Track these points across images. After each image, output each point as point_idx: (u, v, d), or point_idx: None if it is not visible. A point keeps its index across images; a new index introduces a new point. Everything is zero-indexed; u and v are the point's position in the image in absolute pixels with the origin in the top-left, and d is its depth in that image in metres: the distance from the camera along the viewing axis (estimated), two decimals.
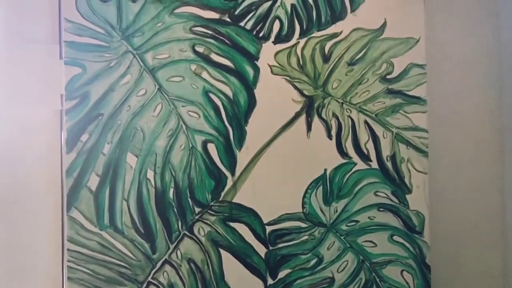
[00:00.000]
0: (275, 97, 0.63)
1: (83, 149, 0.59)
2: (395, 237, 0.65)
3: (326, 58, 0.65)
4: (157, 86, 0.61)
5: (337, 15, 0.65)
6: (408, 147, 0.66)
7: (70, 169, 0.59)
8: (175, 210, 0.61)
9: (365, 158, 0.65)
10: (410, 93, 0.67)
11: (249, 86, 0.63)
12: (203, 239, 0.61)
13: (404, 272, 0.65)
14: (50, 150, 0.64)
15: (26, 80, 0.71)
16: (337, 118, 0.65)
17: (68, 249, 0.58)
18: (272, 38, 0.64)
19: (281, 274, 0.63)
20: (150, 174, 0.60)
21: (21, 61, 0.71)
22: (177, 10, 0.62)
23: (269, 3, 0.64)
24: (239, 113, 0.62)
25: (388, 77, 0.66)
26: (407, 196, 0.66)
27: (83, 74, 0.59)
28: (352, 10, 0.66)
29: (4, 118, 0.70)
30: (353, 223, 0.65)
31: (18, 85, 0.71)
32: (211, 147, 0.62)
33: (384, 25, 0.66)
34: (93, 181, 0.59)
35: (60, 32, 0.71)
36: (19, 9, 0.70)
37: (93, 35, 0.60)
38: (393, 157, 0.66)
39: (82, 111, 0.59)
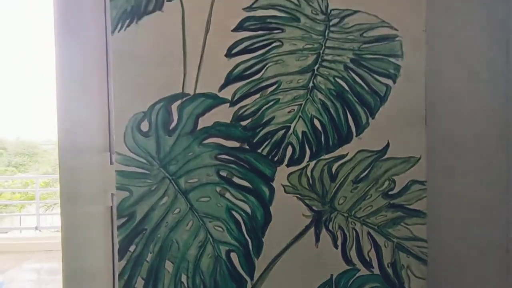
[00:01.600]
0: (288, 212, 0.74)
1: (131, 257, 0.73)
2: None
3: (333, 178, 0.74)
4: (189, 206, 0.73)
5: (344, 139, 0.74)
6: (408, 255, 0.74)
7: (122, 273, 0.73)
8: None
9: (368, 265, 0.74)
10: (410, 207, 0.74)
11: (265, 203, 0.73)
12: None
13: None
14: (103, 252, 0.80)
15: (84, 182, 0.87)
16: (343, 230, 0.74)
17: None
18: (286, 162, 0.74)
19: None
20: (184, 278, 0.73)
21: (80, 167, 0.87)
22: (205, 141, 0.73)
23: (283, 131, 0.73)
24: (257, 227, 0.74)
25: (390, 193, 0.74)
26: None
27: (130, 197, 0.73)
28: (357, 134, 0.74)
29: (65, 215, 0.87)
30: None
31: (77, 187, 0.87)
32: (234, 256, 0.74)
33: (387, 146, 0.74)
34: (140, 283, 0.73)
35: (110, 142, 0.86)
36: (78, 125, 0.86)
37: (137, 164, 0.73)
38: (393, 264, 0.74)
39: (130, 227, 0.73)
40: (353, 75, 0.73)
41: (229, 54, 0.73)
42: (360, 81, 0.73)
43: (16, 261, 5.38)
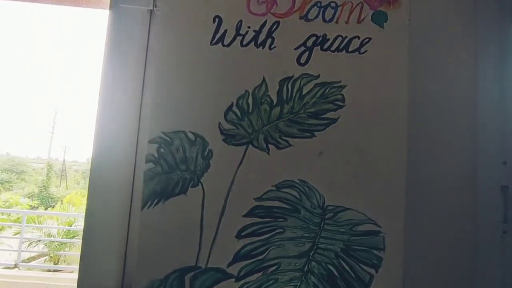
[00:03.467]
0: None
1: None
2: None
3: None
4: None
5: None
6: None
7: None
8: None
9: None
10: None
11: None
12: None
13: None
14: None
15: None
16: None
17: None
18: None
19: None
20: None
21: None
22: None
23: None
24: None
25: None
26: None
27: None
28: None
29: None
30: None
31: None
32: None
33: None
34: None
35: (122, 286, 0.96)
36: (99, 269, 0.96)
37: None
38: None
39: None
40: (342, 263, 0.86)
41: (238, 236, 0.86)
42: (348, 269, 0.86)
43: None
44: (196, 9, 0.92)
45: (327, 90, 0.90)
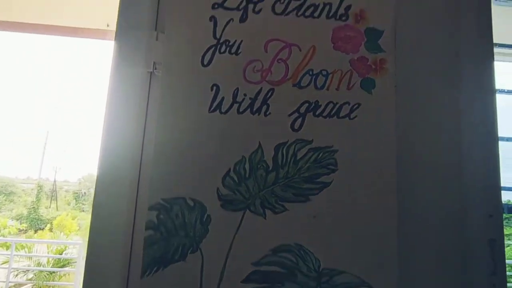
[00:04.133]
0: None
1: None
2: None
3: None
4: None
5: None
6: None
7: None
8: None
9: None
10: None
11: None
12: None
13: None
14: None
15: None
16: None
17: None
18: None
19: None
20: None
21: None
22: None
23: None
24: None
25: None
26: None
27: None
28: None
29: None
30: None
31: None
32: None
33: None
34: None
35: None
36: None
37: None
38: None
39: None
40: None
41: None
42: None
43: None
44: (194, 77, 0.97)
45: (320, 154, 0.94)
